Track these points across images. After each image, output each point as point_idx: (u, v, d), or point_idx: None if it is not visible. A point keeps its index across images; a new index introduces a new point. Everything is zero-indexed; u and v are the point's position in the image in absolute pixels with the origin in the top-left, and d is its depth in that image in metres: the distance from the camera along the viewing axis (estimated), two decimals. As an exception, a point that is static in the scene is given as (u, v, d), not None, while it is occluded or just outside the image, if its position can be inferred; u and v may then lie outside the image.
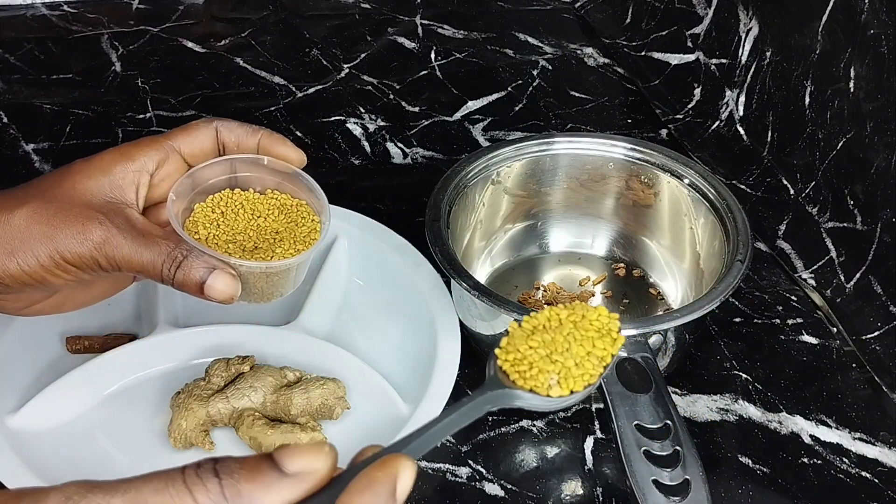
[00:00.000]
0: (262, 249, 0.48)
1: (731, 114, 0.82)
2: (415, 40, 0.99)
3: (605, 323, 0.41)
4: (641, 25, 0.97)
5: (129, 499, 0.29)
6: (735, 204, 0.62)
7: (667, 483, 0.47)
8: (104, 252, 0.44)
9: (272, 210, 0.50)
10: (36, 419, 0.54)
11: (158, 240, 0.45)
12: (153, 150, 0.47)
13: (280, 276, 0.48)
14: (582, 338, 0.40)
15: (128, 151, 0.47)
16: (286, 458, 0.30)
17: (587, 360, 0.39)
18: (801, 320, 0.67)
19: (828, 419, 0.60)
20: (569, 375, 0.39)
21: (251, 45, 0.97)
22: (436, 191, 0.63)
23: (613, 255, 0.71)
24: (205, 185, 0.49)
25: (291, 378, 0.57)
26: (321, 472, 0.30)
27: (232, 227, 0.49)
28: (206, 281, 0.45)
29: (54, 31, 0.97)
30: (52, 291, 0.48)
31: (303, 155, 0.51)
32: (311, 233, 0.49)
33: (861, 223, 0.67)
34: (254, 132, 0.49)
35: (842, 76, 0.68)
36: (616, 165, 0.68)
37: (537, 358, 0.39)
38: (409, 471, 0.31)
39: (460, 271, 0.57)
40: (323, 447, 0.31)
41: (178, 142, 0.48)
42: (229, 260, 0.46)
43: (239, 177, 0.50)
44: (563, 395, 0.39)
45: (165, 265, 0.45)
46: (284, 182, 0.51)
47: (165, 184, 0.48)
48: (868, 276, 0.66)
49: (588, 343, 0.40)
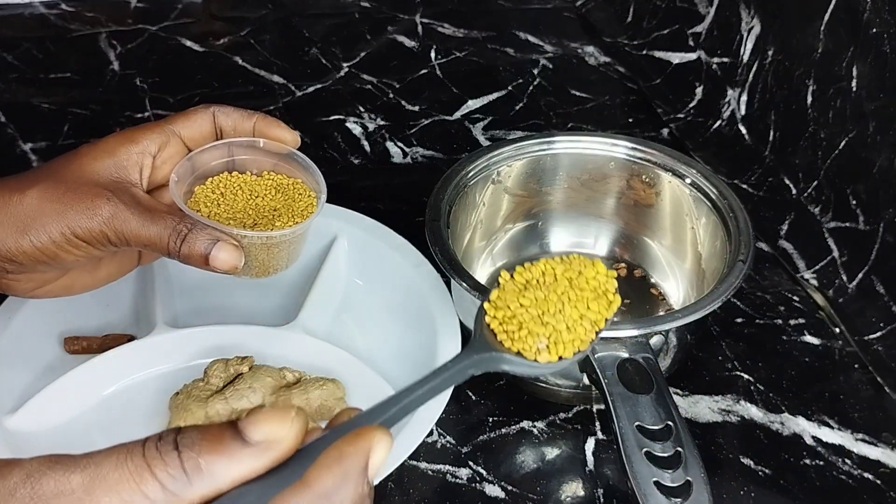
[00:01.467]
0: (262, 225, 0.50)
1: (733, 113, 0.82)
2: (415, 39, 0.99)
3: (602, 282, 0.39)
4: (643, 24, 0.96)
5: (88, 474, 0.28)
6: (737, 203, 0.62)
7: (668, 484, 0.47)
8: (113, 227, 0.46)
9: (269, 190, 0.52)
10: (34, 420, 0.54)
11: (164, 215, 0.47)
12: (155, 134, 0.49)
13: (280, 247, 0.50)
14: (577, 298, 0.38)
15: (131, 135, 0.49)
16: (249, 426, 0.29)
17: (580, 325, 0.37)
18: (803, 321, 0.67)
19: (830, 420, 0.60)
20: (559, 340, 0.37)
21: (250, 43, 0.96)
22: (436, 190, 0.62)
23: (615, 255, 0.70)
24: (204, 168, 0.51)
25: (291, 379, 0.57)
26: (287, 440, 0.29)
27: (232, 207, 0.51)
28: (210, 252, 0.47)
29: (52, 29, 0.97)
30: (63, 270, 0.49)
31: (297, 136, 0.53)
32: (308, 207, 0.51)
33: (863, 223, 0.67)
34: (249, 116, 0.52)
35: (844, 75, 0.68)
36: (617, 165, 0.68)
37: (528, 318, 0.37)
38: (383, 445, 0.30)
39: (460, 271, 0.56)
40: (289, 413, 0.29)
41: (177, 126, 0.50)
42: (232, 231, 0.47)
43: (237, 160, 0.52)
44: (552, 362, 0.37)
45: (171, 238, 0.46)
46: (281, 163, 0.53)
47: (167, 166, 0.50)
48: (870, 277, 0.65)
49: (582, 304, 0.38)
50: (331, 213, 0.67)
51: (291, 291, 0.65)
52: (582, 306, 0.38)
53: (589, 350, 0.38)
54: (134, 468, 0.28)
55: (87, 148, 0.49)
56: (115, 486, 0.28)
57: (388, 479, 0.53)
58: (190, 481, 0.28)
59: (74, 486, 0.28)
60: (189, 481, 0.28)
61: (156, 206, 0.48)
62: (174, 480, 0.28)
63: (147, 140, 0.49)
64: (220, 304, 0.65)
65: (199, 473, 0.28)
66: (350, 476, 0.29)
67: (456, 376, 0.35)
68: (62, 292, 0.51)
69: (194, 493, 0.28)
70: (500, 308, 0.38)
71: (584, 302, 0.38)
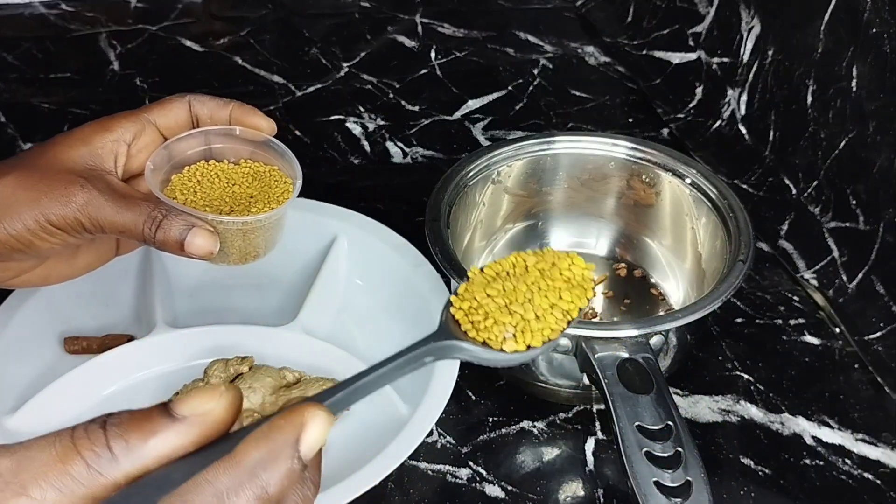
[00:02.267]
0: (238, 211, 0.50)
1: (733, 113, 0.82)
2: (415, 39, 0.99)
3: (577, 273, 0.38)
4: (643, 24, 0.96)
5: (17, 459, 0.28)
6: (737, 203, 0.62)
7: (668, 484, 0.47)
8: (87, 213, 0.46)
9: (246, 178, 0.52)
10: (34, 420, 0.54)
11: (139, 201, 0.47)
12: (130, 123, 0.49)
13: (256, 233, 0.50)
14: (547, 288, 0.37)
15: (106, 123, 0.49)
16: (177, 402, 0.29)
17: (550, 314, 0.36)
18: (803, 321, 0.67)
19: (830, 420, 0.60)
20: (527, 329, 0.35)
21: (250, 43, 0.96)
22: (436, 190, 0.62)
23: (615, 255, 0.70)
24: (180, 157, 0.52)
25: (290, 379, 0.57)
26: (214, 413, 0.29)
27: (208, 195, 0.51)
28: (185, 238, 0.46)
29: (52, 29, 0.97)
30: (40, 259, 0.49)
31: (273, 124, 0.53)
32: (284, 193, 0.51)
33: (863, 223, 0.67)
34: (225, 104, 0.52)
35: (844, 75, 0.68)
36: (617, 165, 0.67)
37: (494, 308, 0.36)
38: (318, 420, 0.29)
39: (460, 271, 0.56)
40: (218, 388, 0.29)
41: (153, 115, 0.50)
42: (207, 216, 0.47)
43: (213, 148, 0.52)
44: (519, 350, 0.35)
45: (146, 224, 0.46)
46: (257, 150, 0.53)
47: (142, 155, 0.50)
48: (870, 277, 0.65)
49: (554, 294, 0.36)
50: (331, 213, 0.67)
51: (291, 291, 0.65)
52: (553, 296, 0.37)
53: (559, 339, 0.36)
54: (61, 449, 0.28)
55: (62, 136, 0.49)
56: (41, 467, 0.28)
57: (388, 480, 0.53)
58: (115, 458, 0.28)
59: (2, 470, 0.28)
60: (114, 458, 0.28)
61: (131, 192, 0.48)
62: (99, 458, 0.28)
63: (122, 128, 0.49)
64: (220, 304, 0.65)
65: (125, 450, 0.28)
66: (279, 450, 0.29)
67: (411, 363, 0.34)
68: (40, 282, 0.51)
69: (120, 471, 0.28)
70: (466, 300, 0.37)
71: (556, 292, 0.37)
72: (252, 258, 0.51)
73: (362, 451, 0.53)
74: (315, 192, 0.71)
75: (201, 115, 0.52)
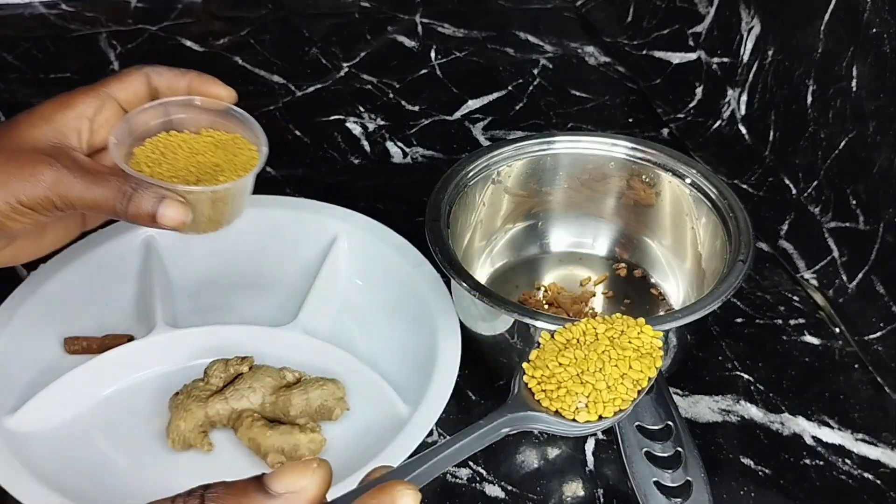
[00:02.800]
0: (205, 181, 0.50)
1: (733, 113, 0.82)
2: (415, 39, 0.99)
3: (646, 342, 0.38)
4: (643, 24, 0.96)
5: None
6: (737, 203, 0.62)
7: (668, 484, 0.47)
8: (57, 191, 0.46)
9: (209, 147, 0.52)
10: (34, 420, 0.54)
11: (108, 176, 0.47)
12: (90, 98, 0.50)
13: (225, 201, 0.50)
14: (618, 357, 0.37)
15: (66, 100, 0.49)
16: (273, 478, 0.30)
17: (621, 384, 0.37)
18: (803, 321, 0.67)
19: (830, 420, 0.60)
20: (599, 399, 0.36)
21: (250, 43, 0.96)
22: (436, 190, 0.62)
23: (615, 255, 0.70)
24: (141, 129, 0.52)
25: (290, 379, 0.57)
26: (310, 489, 0.30)
27: (173, 165, 0.50)
28: (157, 210, 0.47)
29: (52, 29, 0.97)
30: (10, 239, 0.49)
31: (233, 92, 0.53)
32: (250, 160, 0.52)
33: (863, 223, 0.67)
34: (183, 74, 0.52)
35: (844, 75, 0.68)
36: (617, 165, 0.67)
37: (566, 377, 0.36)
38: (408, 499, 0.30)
39: (460, 271, 0.56)
40: (311, 464, 0.30)
41: (112, 89, 0.51)
42: (176, 188, 0.48)
43: (173, 119, 0.53)
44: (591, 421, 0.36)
45: (117, 199, 0.47)
46: (218, 119, 0.53)
47: (104, 130, 0.50)
48: (870, 277, 0.65)
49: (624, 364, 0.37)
50: (331, 213, 0.67)
51: (291, 291, 0.65)
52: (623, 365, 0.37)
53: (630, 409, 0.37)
54: None
55: (24, 116, 0.49)
56: None
57: (388, 480, 0.53)
58: None
59: None
60: None
61: (98, 168, 0.48)
62: None
63: (83, 104, 0.49)
64: (220, 304, 0.65)
65: None
66: None
67: (490, 434, 0.35)
68: (9, 261, 0.51)
69: None
70: (538, 367, 0.38)
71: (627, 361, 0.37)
72: (221, 225, 0.52)
73: (362, 451, 0.53)
74: (315, 192, 0.71)
75: (160, 86, 0.52)
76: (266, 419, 0.55)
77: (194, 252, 0.66)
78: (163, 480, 0.53)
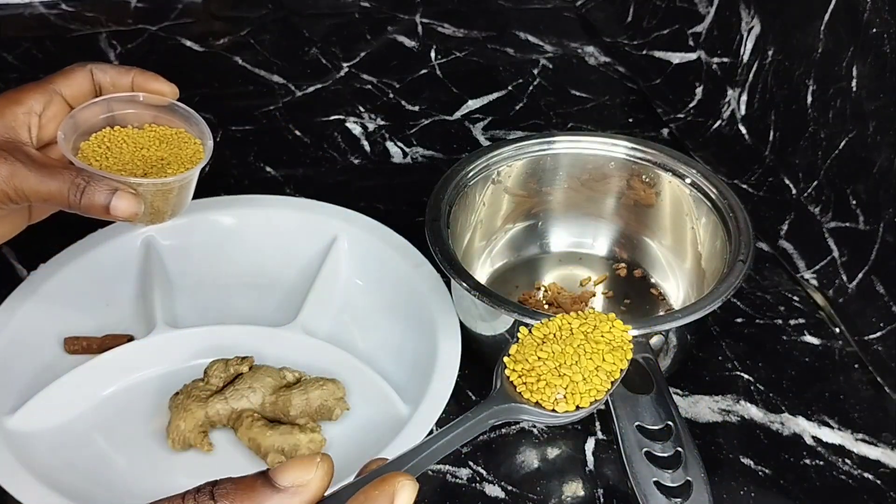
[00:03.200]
0: (152, 174, 0.52)
1: (733, 113, 0.82)
2: (415, 39, 0.99)
3: (616, 336, 0.41)
4: (643, 24, 0.96)
5: None
6: (737, 203, 0.62)
7: (668, 484, 0.47)
8: (12, 185, 0.48)
9: (153, 141, 0.55)
10: (34, 420, 0.54)
11: (61, 170, 0.49)
12: (38, 94, 0.52)
13: (173, 192, 0.53)
14: (592, 351, 0.40)
15: (14, 96, 0.51)
16: (278, 473, 0.31)
17: (595, 376, 0.39)
18: (803, 321, 0.67)
19: (830, 420, 0.60)
20: (576, 391, 0.39)
21: (250, 43, 0.96)
22: (436, 190, 0.62)
23: (614, 255, 0.70)
24: (86, 125, 0.54)
25: (290, 379, 0.57)
26: (314, 483, 0.31)
27: (119, 159, 0.53)
28: (110, 202, 0.49)
29: (52, 29, 0.97)
30: None
31: (175, 88, 0.55)
32: (196, 154, 0.54)
33: (863, 223, 0.67)
34: (127, 71, 0.54)
35: (844, 75, 0.68)
36: (617, 165, 0.67)
37: (545, 370, 0.39)
38: (408, 489, 0.32)
39: (460, 271, 0.56)
40: (314, 459, 0.31)
41: (58, 85, 0.53)
42: (128, 180, 0.50)
43: (116, 115, 0.55)
44: (569, 411, 0.39)
45: (71, 192, 0.49)
46: (161, 115, 0.56)
47: (52, 125, 0.52)
48: (870, 277, 0.65)
49: (598, 357, 0.40)
50: (331, 213, 0.67)
51: (291, 291, 0.65)
52: (598, 358, 0.40)
53: (605, 399, 0.40)
54: None
55: None
56: None
57: (388, 480, 0.53)
58: None
59: None
60: None
61: (51, 162, 0.50)
62: None
63: (31, 100, 0.51)
64: (220, 304, 0.65)
65: None
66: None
67: (477, 426, 0.37)
68: None
69: None
70: (519, 361, 0.40)
71: (600, 354, 0.40)
72: (167, 217, 0.54)
73: (362, 451, 0.53)
74: (315, 192, 0.71)
75: (104, 83, 0.54)
76: (266, 419, 0.55)
77: (194, 252, 0.66)
78: (163, 480, 0.53)
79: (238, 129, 0.84)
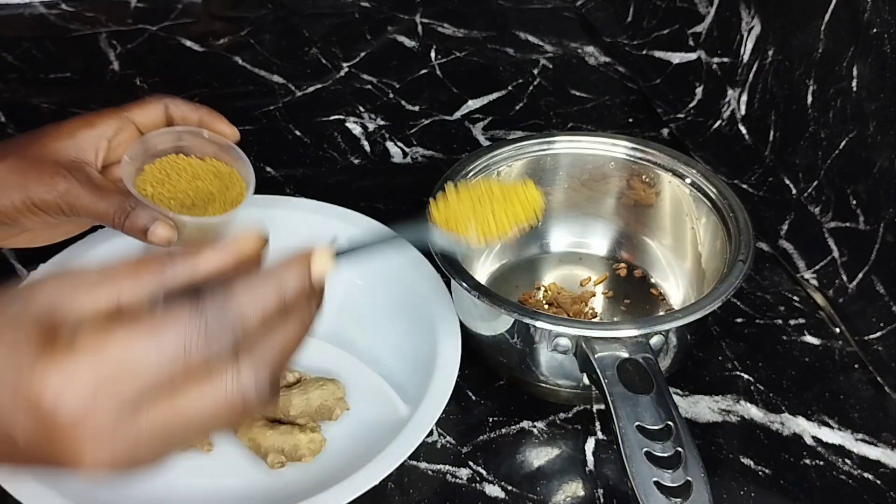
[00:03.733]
0: (198, 206, 0.56)
1: (733, 113, 0.82)
2: (415, 39, 0.99)
3: (530, 197, 0.48)
4: (643, 24, 0.96)
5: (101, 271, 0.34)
6: (737, 203, 0.62)
7: (668, 484, 0.47)
8: (66, 200, 0.53)
9: (209, 174, 0.58)
10: (33, 420, 0.54)
11: (112, 193, 0.54)
12: (112, 120, 0.56)
13: (210, 229, 0.56)
14: (506, 206, 0.48)
15: (91, 119, 0.56)
16: None
17: (504, 221, 0.47)
18: (803, 321, 0.67)
19: (830, 420, 0.60)
20: (487, 231, 0.47)
21: (250, 43, 0.96)
22: (436, 190, 0.62)
23: (615, 255, 0.70)
24: (154, 150, 0.57)
25: (290, 379, 0.57)
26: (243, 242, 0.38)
27: (175, 187, 0.56)
28: (148, 228, 0.53)
29: (52, 29, 0.97)
30: (25, 229, 0.56)
31: (236, 131, 0.59)
32: (238, 196, 0.57)
33: (863, 223, 0.67)
34: (196, 109, 0.59)
35: (844, 75, 0.68)
36: (617, 165, 0.67)
37: (462, 213, 0.47)
38: (322, 253, 0.37)
39: (460, 271, 0.56)
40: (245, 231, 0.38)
41: (133, 114, 0.57)
42: (168, 213, 0.54)
43: (183, 145, 0.58)
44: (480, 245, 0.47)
45: (117, 214, 0.53)
46: (220, 153, 0.59)
47: (121, 148, 0.56)
48: (871, 277, 0.65)
49: (511, 210, 0.47)
50: (331, 213, 0.67)
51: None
52: (510, 211, 0.47)
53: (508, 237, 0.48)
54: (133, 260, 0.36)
55: (52, 128, 0.55)
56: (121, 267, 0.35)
57: (388, 480, 0.53)
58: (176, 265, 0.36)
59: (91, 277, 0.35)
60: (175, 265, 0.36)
61: (106, 185, 0.54)
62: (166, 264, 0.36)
63: (105, 125, 0.56)
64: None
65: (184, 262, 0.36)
66: (293, 267, 0.37)
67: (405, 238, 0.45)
68: (26, 244, 0.58)
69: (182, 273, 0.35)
70: (443, 208, 0.48)
71: (513, 208, 0.47)
72: None
73: (362, 451, 0.53)
74: (315, 192, 0.71)
75: (175, 116, 0.58)
76: (266, 419, 0.55)
77: (194, 252, 0.66)
78: (163, 480, 0.53)
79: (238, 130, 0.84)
